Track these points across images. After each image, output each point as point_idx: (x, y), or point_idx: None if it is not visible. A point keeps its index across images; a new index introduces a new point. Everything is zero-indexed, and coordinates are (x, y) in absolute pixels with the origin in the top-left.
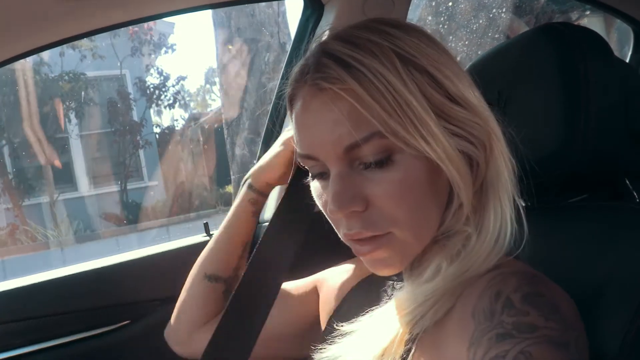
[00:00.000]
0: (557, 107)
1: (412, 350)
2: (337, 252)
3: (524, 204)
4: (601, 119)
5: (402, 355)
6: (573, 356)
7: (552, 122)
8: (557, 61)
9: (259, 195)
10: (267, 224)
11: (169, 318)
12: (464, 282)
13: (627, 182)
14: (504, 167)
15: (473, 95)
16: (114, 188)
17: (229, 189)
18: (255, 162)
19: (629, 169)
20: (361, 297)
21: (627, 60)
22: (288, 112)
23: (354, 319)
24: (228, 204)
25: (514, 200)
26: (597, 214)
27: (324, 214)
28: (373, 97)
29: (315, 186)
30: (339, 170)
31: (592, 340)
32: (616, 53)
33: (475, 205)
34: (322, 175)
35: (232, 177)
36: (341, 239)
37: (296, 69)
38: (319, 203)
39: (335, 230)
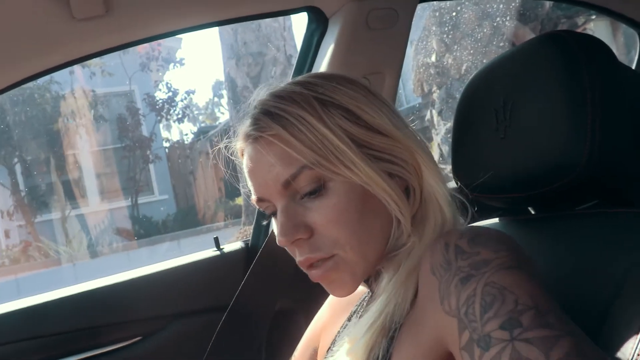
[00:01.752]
0: (562, 115)
1: (397, 334)
2: None
3: (533, 213)
4: (607, 126)
5: (388, 342)
6: (525, 273)
7: (558, 130)
8: (561, 69)
9: None
10: None
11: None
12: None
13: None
14: (436, 180)
15: (390, 122)
16: (125, 203)
17: (239, 201)
18: None
19: (637, 175)
20: (352, 325)
21: (634, 64)
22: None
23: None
24: (238, 216)
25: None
26: (606, 220)
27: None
28: (296, 137)
29: (273, 225)
30: (282, 204)
31: (608, 344)
32: (623, 57)
33: (417, 220)
34: (275, 214)
35: (242, 189)
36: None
37: (240, 125)
38: (278, 240)
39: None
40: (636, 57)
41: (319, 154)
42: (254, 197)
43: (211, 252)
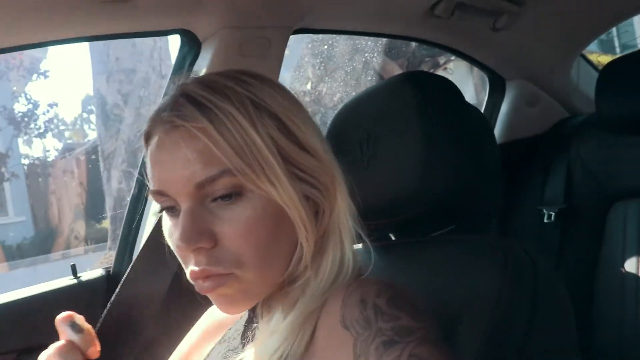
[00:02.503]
0: (417, 148)
1: None
2: None
3: (393, 239)
4: (456, 159)
5: None
6: (444, 348)
7: (413, 162)
8: (417, 107)
9: None
10: None
11: None
12: (312, 310)
13: (483, 216)
14: (346, 212)
15: (319, 144)
16: None
17: (105, 224)
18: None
19: (484, 204)
20: (224, 349)
21: (484, 104)
22: (144, 149)
23: None
24: (101, 240)
25: (364, 239)
26: (456, 245)
27: (174, 251)
28: (224, 137)
29: (165, 223)
30: (189, 206)
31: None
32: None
33: (316, 250)
34: (173, 211)
35: (109, 212)
36: (187, 276)
37: (155, 107)
38: (169, 241)
39: (184, 267)
40: (485, 97)
41: (244, 161)
42: (153, 189)
43: (68, 280)
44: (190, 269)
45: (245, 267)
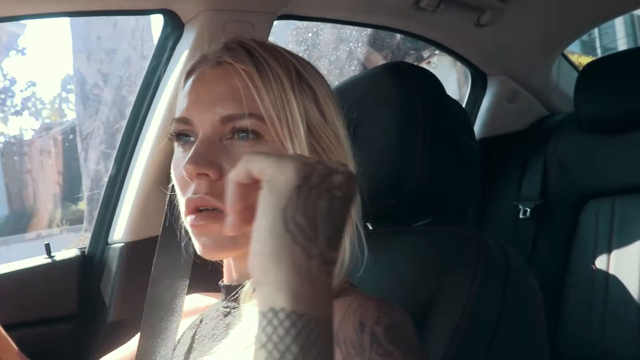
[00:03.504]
0: (397, 138)
1: None
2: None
3: (370, 229)
4: (434, 151)
5: None
6: None
7: (392, 151)
8: (398, 97)
9: None
10: (116, 245)
11: None
12: None
13: (461, 208)
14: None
15: (342, 129)
16: None
17: (82, 205)
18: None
19: (459, 197)
20: (194, 335)
21: (466, 99)
22: (180, 88)
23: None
24: (77, 222)
25: (357, 227)
26: (430, 238)
27: (175, 184)
28: (265, 87)
29: (176, 155)
30: (207, 135)
31: (428, 344)
32: (464, 88)
33: None
34: (186, 141)
35: (86, 193)
36: (182, 216)
37: (198, 55)
38: (174, 173)
39: (180, 204)
40: (467, 92)
41: (275, 112)
42: (179, 116)
43: (42, 259)
44: (187, 197)
45: None
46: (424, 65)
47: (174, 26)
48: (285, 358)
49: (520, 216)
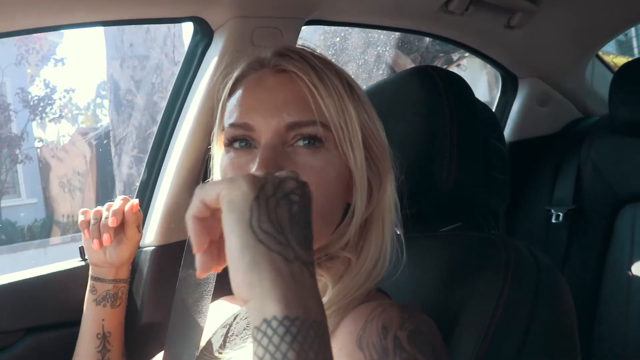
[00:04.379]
0: (424, 141)
1: None
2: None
3: (398, 233)
4: (462, 155)
5: None
6: None
7: (420, 156)
8: (426, 101)
9: (97, 282)
10: (148, 248)
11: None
12: (343, 306)
13: (490, 213)
14: (391, 203)
15: (384, 137)
16: None
17: None
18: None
19: (487, 201)
20: (236, 329)
21: (496, 101)
22: (224, 96)
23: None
24: None
25: (395, 231)
26: (460, 243)
27: None
28: (328, 93)
29: (229, 157)
30: (273, 142)
31: (456, 347)
32: (494, 91)
33: (359, 232)
34: (244, 146)
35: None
36: None
37: (248, 60)
38: (224, 172)
39: None
40: (498, 95)
41: (338, 121)
42: (238, 121)
43: (76, 262)
44: None
45: None
46: (453, 67)
47: (204, 33)
48: None
49: (553, 221)
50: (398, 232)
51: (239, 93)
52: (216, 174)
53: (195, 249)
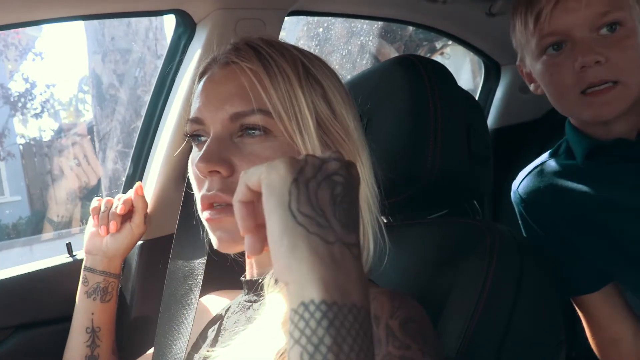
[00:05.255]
0: (409, 129)
1: None
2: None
3: (385, 221)
4: (446, 142)
5: None
6: None
7: (405, 144)
8: (409, 90)
9: (89, 272)
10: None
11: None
12: None
13: (474, 200)
14: (367, 189)
15: (352, 122)
16: None
17: None
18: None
19: (472, 188)
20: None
21: (479, 89)
22: (194, 90)
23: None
24: None
25: (377, 219)
26: (446, 230)
27: (192, 181)
28: (272, 84)
29: (193, 154)
30: (218, 134)
31: (443, 330)
32: (478, 79)
33: None
34: (200, 140)
35: (104, 192)
36: (199, 211)
37: (209, 57)
38: (190, 171)
39: (196, 197)
40: (481, 82)
41: (283, 107)
42: (192, 116)
43: (63, 258)
44: (201, 194)
45: None
46: (437, 56)
47: (186, 26)
48: (319, 351)
49: None
50: (380, 222)
51: (197, 89)
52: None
53: (242, 232)
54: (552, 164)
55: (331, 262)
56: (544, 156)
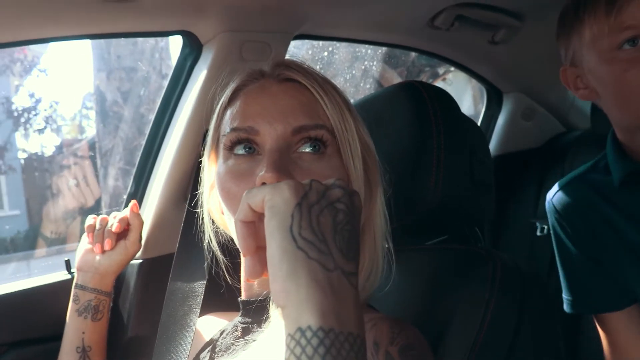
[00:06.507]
0: (411, 155)
1: None
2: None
3: (385, 247)
4: (449, 168)
5: None
6: None
7: (406, 170)
8: (412, 115)
9: (80, 290)
10: (135, 261)
11: None
12: None
13: (476, 226)
14: (380, 213)
15: (373, 149)
16: None
17: None
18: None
19: (474, 214)
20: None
21: (481, 116)
22: (221, 105)
23: None
24: None
25: (388, 244)
26: (447, 255)
27: (226, 199)
28: (331, 104)
29: (228, 165)
30: (279, 146)
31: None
32: (480, 106)
33: None
34: (248, 151)
35: (104, 210)
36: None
37: (247, 71)
38: (225, 187)
39: (228, 219)
40: (483, 109)
41: (340, 130)
42: (242, 125)
43: (62, 275)
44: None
45: None
46: (439, 81)
47: (193, 47)
48: None
49: (538, 234)
50: (386, 245)
51: (240, 101)
52: (206, 185)
53: (243, 253)
54: (589, 177)
55: (329, 290)
56: (582, 168)
